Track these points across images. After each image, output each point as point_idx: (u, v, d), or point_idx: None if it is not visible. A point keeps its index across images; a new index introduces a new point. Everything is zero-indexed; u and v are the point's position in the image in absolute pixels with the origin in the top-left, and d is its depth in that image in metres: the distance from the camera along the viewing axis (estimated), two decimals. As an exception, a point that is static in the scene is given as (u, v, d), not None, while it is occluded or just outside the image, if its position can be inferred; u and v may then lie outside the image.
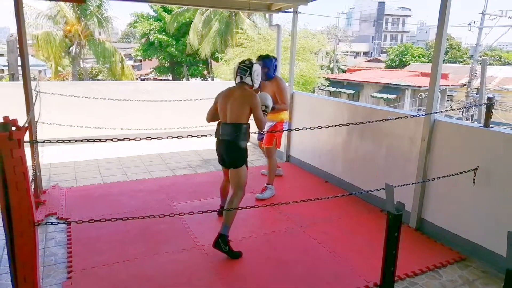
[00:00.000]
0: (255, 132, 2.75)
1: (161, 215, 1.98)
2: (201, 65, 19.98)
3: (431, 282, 2.35)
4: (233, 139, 2.58)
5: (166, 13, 19.39)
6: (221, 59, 16.04)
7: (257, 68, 2.68)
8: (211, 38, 16.18)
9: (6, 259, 2.20)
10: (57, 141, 1.80)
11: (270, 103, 2.90)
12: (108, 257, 2.49)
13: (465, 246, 2.67)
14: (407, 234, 2.87)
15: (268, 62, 3.49)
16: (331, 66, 26.90)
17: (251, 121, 2.65)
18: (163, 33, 19.39)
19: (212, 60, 18.58)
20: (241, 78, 2.66)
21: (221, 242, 2.50)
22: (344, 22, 52.38)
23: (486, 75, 14.72)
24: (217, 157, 2.84)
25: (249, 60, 2.73)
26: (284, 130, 3.71)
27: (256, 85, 2.72)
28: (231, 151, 2.61)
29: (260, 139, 4.01)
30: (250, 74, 2.64)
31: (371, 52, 45.16)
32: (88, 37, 14.99)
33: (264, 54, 3.65)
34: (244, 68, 2.65)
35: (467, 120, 15.51)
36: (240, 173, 2.62)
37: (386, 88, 18.88)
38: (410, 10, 52.83)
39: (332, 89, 21.05)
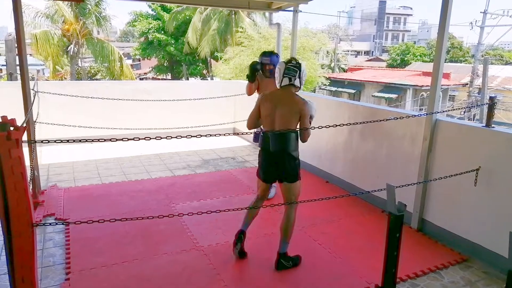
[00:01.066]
0: (249, 133, 2.62)
1: (160, 215, 1.96)
2: (200, 64, 19.96)
3: (432, 283, 2.33)
4: (287, 149, 2.35)
5: (165, 12, 19.37)
6: (220, 58, 16.01)
7: (304, 68, 2.43)
8: (210, 37, 16.15)
9: (4, 260, 2.18)
10: (55, 141, 1.78)
11: (315, 113, 2.52)
12: (106, 258, 2.48)
13: (467, 247, 2.65)
14: (409, 235, 2.85)
15: (275, 59, 3.49)
16: (332, 65, 26.89)
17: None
18: (162, 32, 19.36)
19: (211, 59, 18.55)
20: (290, 80, 2.36)
21: (284, 261, 2.40)
22: (345, 21, 52.37)
23: (488, 75, 14.71)
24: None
25: (295, 59, 2.45)
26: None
27: (302, 86, 2.48)
28: (287, 163, 2.37)
29: (257, 141, 3.99)
30: (300, 75, 2.37)
31: (372, 51, 45.12)
32: (86, 36, 14.95)
33: (268, 50, 3.63)
34: (294, 68, 2.35)
35: (469, 120, 15.50)
36: (296, 186, 2.43)
37: (388, 87, 18.86)
38: (411, 9, 52.82)
39: (333, 88, 21.04)
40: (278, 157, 2.38)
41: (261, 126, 2.59)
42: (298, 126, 2.39)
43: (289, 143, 2.35)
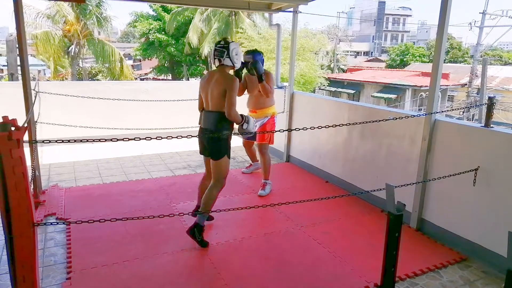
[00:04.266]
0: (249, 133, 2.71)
1: (160, 215, 1.97)
2: (201, 64, 19.97)
3: (431, 282, 2.34)
4: (214, 128, 2.50)
5: (165, 13, 19.38)
6: (221, 59, 15.98)
7: (235, 47, 2.49)
8: (211, 38, 16.17)
9: (6, 260, 2.19)
10: (56, 141, 1.79)
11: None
12: (107, 258, 2.49)
13: (466, 246, 2.66)
14: (408, 235, 2.86)
15: (258, 56, 3.50)
16: (332, 65, 26.90)
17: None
18: (163, 32, 19.38)
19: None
20: (220, 61, 2.47)
21: (197, 231, 2.57)
22: (345, 21, 52.32)
23: (487, 75, 14.71)
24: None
25: (224, 39, 2.52)
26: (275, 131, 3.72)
27: (238, 65, 2.58)
28: (212, 141, 2.54)
29: (248, 138, 3.99)
30: (229, 54, 2.44)
31: (372, 52, 45.11)
32: (87, 36, 14.96)
33: (250, 49, 3.65)
34: (221, 49, 2.44)
35: (467, 120, 15.51)
36: (221, 164, 2.56)
37: (387, 88, 18.88)
38: (410, 9, 52.81)
39: (333, 89, 21.05)
40: (205, 135, 2.57)
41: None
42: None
43: (214, 123, 2.50)
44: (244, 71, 3.39)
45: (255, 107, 3.69)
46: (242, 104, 2.83)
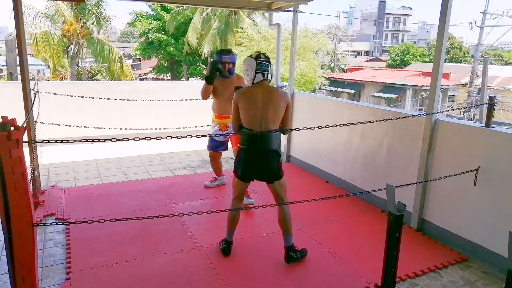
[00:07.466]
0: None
1: (160, 215, 1.97)
2: (200, 64, 19.97)
3: (432, 283, 2.33)
4: (275, 147, 2.34)
5: (165, 12, 19.38)
6: (221, 59, 15.97)
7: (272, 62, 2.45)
8: (210, 37, 16.16)
9: (5, 260, 2.19)
10: (55, 141, 1.78)
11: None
12: (107, 258, 2.48)
13: (466, 246, 2.66)
14: (408, 235, 2.86)
15: (235, 58, 3.35)
16: (332, 65, 26.89)
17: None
18: (162, 32, 19.38)
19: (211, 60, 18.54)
20: (264, 75, 2.34)
21: (292, 253, 2.45)
22: (345, 21, 52.29)
23: (488, 75, 14.71)
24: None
25: (263, 54, 2.42)
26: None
27: (271, 79, 2.50)
28: (273, 162, 2.35)
29: (218, 149, 3.64)
30: (271, 68, 2.39)
31: (372, 52, 45.07)
32: (86, 36, 14.94)
33: (226, 48, 3.51)
34: (265, 63, 2.35)
35: (468, 120, 15.50)
36: (284, 181, 2.45)
37: (387, 87, 18.87)
38: (411, 9, 52.78)
39: (333, 88, 21.03)
40: (265, 156, 2.34)
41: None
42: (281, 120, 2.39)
43: (276, 142, 2.36)
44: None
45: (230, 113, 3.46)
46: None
